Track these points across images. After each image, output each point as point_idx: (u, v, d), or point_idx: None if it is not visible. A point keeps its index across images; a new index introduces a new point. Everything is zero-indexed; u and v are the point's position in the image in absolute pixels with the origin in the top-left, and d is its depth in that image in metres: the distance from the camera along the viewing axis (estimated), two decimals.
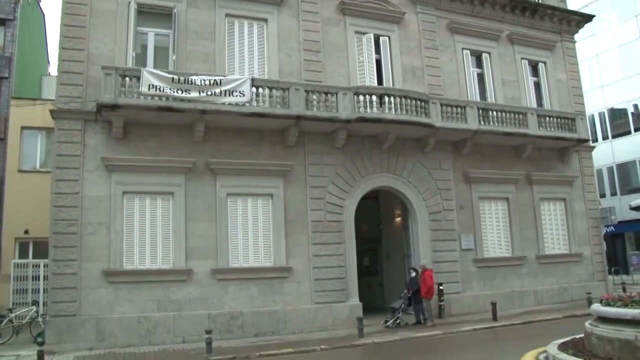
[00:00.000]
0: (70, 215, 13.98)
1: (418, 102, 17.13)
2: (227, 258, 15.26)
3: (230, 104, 14.99)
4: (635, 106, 33.14)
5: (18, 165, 21.66)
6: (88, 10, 15.23)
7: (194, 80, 14.64)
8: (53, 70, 33.14)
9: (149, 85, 14.18)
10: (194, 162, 15.28)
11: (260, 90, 15.51)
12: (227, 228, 15.40)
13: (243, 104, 15.14)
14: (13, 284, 20.15)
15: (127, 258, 14.40)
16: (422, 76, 19.19)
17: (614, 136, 34.14)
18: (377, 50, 18.74)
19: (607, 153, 33.41)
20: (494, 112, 18.98)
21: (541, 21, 22.20)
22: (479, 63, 20.84)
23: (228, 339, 14.27)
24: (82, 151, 14.44)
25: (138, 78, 14.24)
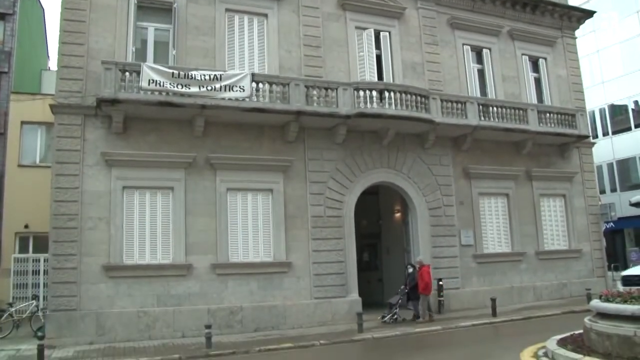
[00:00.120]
0: (70, 210, 14.01)
1: (418, 98, 17.13)
2: (227, 253, 15.28)
3: (230, 99, 14.99)
4: (635, 102, 33.06)
5: (18, 160, 21.67)
6: (88, 4, 15.21)
7: (194, 75, 14.64)
8: (53, 64, 33.14)
9: (149, 80, 14.18)
10: (194, 157, 15.28)
11: (260, 85, 15.51)
12: (227, 223, 15.42)
13: (243, 99, 15.14)
14: (13, 279, 20.21)
15: (127, 253, 14.43)
16: (423, 72, 19.17)
17: (614, 132, 34.07)
18: (378, 45, 18.71)
19: (607, 149, 33.37)
20: (494, 108, 18.98)
21: (542, 17, 22.17)
22: (480, 59, 20.81)
23: (228, 334, 14.32)
24: (82, 146, 14.44)
25: (138, 73, 14.24)
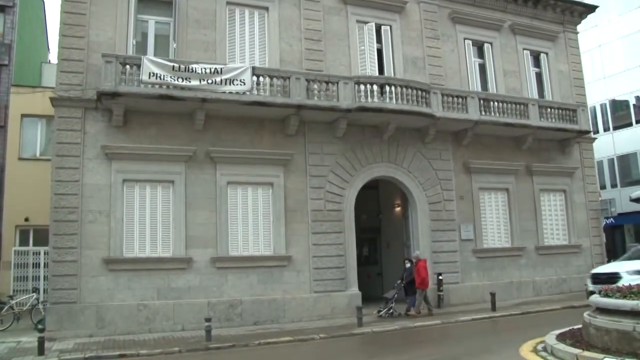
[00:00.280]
0: (70, 203, 14.02)
1: (419, 92, 17.10)
2: (227, 246, 15.30)
3: (230, 93, 14.97)
4: (637, 98, 32.92)
5: (18, 153, 21.67)
6: None
7: (195, 68, 14.61)
8: (53, 57, 33.05)
9: (150, 73, 14.15)
10: (194, 151, 15.27)
11: (260, 79, 15.47)
12: (227, 216, 15.44)
13: (244, 93, 15.12)
14: (14, 271, 20.30)
15: (127, 246, 14.45)
16: (424, 66, 19.12)
17: (615, 128, 33.96)
18: (379, 39, 18.66)
19: (608, 145, 33.28)
20: (495, 103, 18.95)
21: (544, 11, 22.09)
22: (481, 53, 20.76)
23: (227, 327, 14.36)
24: (83, 139, 14.44)
25: (138, 66, 14.21)
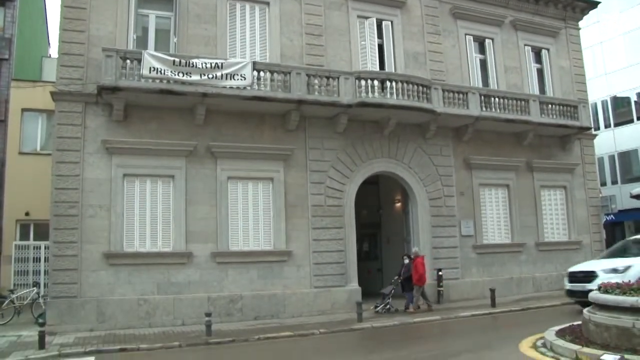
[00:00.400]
0: (70, 197, 14.01)
1: (420, 88, 17.06)
2: (227, 241, 15.31)
3: (231, 88, 14.94)
4: (638, 94, 32.83)
5: (19, 147, 21.64)
6: None
7: (195, 63, 14.58)
8: (54, 51, 32.97)
9: (150, 67, 14.12)
10: (195, 146, 15.26)
11: (261, 74, 15.44)
12: (228, 211, 15.44)
13: (244, 88, 15.09)
14: (14, 266, 20.30)
15: (128, 240, 14.46)
16: (425, 61, 19.08)
17: (616, 124, 33.90)
18: (380, 35, 18.61)
19: (609, 141, 33.23)
20: (496, 99, 18.91)
21: (545, 7, 22.02)
22: (482, 49, 20.70)
23: (227, 322, 14.38)
24: (83, 133, 14.42)
25: (139, 60, 14.18)
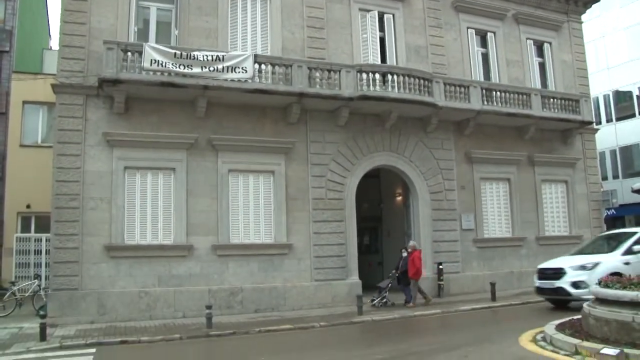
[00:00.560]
0: (72, 190, 14.03)
1: (421, 81, 17.03)
2: (228, 234, 15.33)
3: (232, 80, 14.91)
4: None
5: (20, 139, 21.69)
6: None
7: (197, 55, 14.54)
8: (55, 44, 32.91)
9: (151, 60, 14.09)
10: (196, 138, 15.25)
11: (262, 66, 15.41)
12: (228, 204, 15.45)
13: (245, 81, 15.06)
14: (15, 258, 20.37)
15: (128, 233, 14.48)
16: (426, 55, 19.02)
17: (618, 119, 33.85)
18: (381, 28, 18.55)
19: (611, 136, 33.17)
20: (498, 93, 18.87)
21: (548, 1, 21.91)
22: (484, 42, 20.62)
23: (228, 315, 14.42)
24: (84, 126, 14.41)
25: (140, 53, 14.15)
